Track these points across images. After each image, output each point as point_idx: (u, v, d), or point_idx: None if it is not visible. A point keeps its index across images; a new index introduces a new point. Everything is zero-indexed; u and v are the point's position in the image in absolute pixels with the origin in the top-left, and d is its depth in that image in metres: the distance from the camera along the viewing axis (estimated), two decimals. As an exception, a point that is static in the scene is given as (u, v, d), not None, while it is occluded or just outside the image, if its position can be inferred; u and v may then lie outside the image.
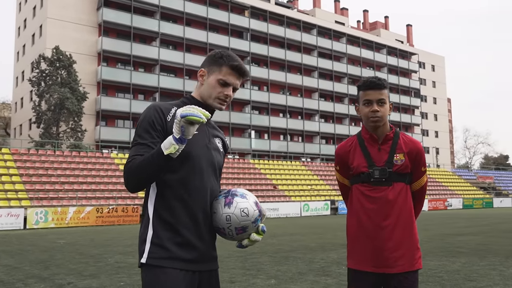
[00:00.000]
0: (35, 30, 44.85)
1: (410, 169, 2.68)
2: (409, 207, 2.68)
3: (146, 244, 2.08)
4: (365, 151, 2.70)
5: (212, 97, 2.22)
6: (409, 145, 2.70)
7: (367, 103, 2.67)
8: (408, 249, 2.61)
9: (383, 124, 2.68)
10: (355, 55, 61.02)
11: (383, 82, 2.67)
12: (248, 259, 9.63)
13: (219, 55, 2.23)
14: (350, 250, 2.73)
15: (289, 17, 55.47)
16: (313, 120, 55.98)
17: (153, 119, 2.11)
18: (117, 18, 43.67)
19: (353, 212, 2.72)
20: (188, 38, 47.18)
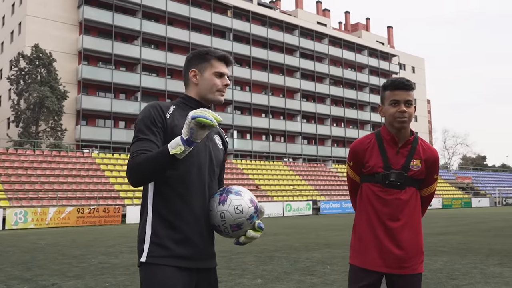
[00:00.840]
0: (14, 27, 44.08)
1: (425, 176, 2.72)
2: (418, 211, 2.73)
3: (145, 243, 2.09)
4: (383, 152, 2.70)
5: (213, 90, 2.28)
6: (427, 152, 2.73)
7: (394, 103, 2.66)
8: (414, 252, 2.66)
9: (406, 128, 2.69)
10: (337, 56, 61.43)
11: (411, 84, 2.68)
12: (233, 259, 9.64)
13: (203, 52, 2.31)
14: (357, 248, 2.74)
15: (271, 18, 55.59)
16: (295, 120, 56.18)
17: (154, 116, 2.14)
18: (98, 16, 43.20)
19: (363, 211, 2.75)
20: (171, 37, 46.92)
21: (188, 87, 2.33)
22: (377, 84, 65.34)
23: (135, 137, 2.13)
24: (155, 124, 2.13)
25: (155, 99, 45.76)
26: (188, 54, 2.35)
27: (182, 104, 2.28)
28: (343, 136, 59.43)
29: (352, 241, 2.81)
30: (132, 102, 44.66)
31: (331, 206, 37.44)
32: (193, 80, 2.29)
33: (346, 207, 37.84)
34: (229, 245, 12.49)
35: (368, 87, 64.36)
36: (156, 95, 45.94)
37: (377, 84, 65.29)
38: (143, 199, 2.20)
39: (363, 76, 64.20)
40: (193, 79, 2.29)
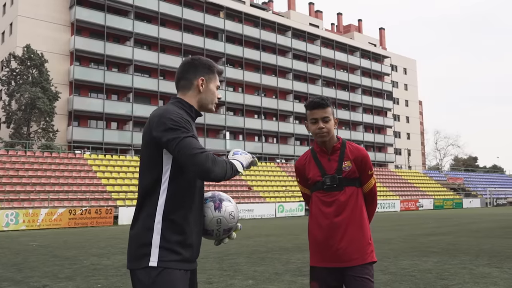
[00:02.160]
0: (5, 28, 43.84)
1: (358, 174, 3.02)
2: (360, 208, 3.01)
3: (153, 248, 2.11)
4: (318, 162, 3.06)
5: (213, 102, 2.42)
6: (354, 152, 3.05)
7: (313, 121, 3.00)
8: (360, 244, 2.93)
9: (330, 137, 3.02)
10: (329, 58, 61.66)
11: (326, 102, 3.00)
12: (225, 260, 9.67)
13: (210, 63, 2.42)
14: (311, 249, 3.06)
15: (264, 19, 55.69)
16: (288, 121, 56.32)
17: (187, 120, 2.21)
18: (90, 17, 43.07)
19: (313, 216, 3.06)
20: (163, 38, 46.88)
21: (188, 92, 2.37)
22: (369, 86, 65.68)
23: (186, 132, 2.13)
24: (190, 127, 2.20)
25: (147, 100, 45.72)
26: (192, 60, 2.41)
27: (183, 111, 2.30)
28: (336, 137, 59.52)
29: (309, 245, 3.10)
30: (125, 103, 44.55)
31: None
32: (200, 87, 2.36)
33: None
34: (221, 246, 12.52)
35: (360, 89, 64.63)
36: (149, 96, 45.88)
37: (369, 85, 65.62)
38: (147, 202, 2.19)
39: (356, 78, 64.46)
40: (200, 87, 2.36)
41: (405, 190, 50.63)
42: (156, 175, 2.17)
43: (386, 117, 67.92)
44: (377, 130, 66.56)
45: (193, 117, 2.35)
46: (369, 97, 65.53)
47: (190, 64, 2.39)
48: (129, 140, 43.41)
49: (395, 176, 54.75)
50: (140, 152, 2.28)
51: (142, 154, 2.25)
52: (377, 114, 66.87)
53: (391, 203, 42.99)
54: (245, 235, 16.76)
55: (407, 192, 50.18)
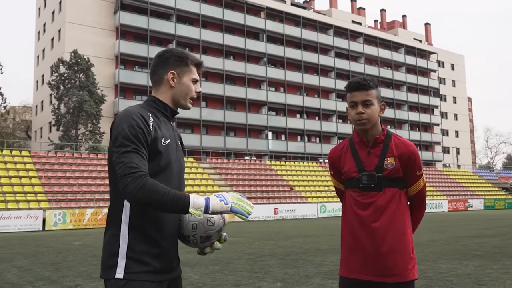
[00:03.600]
0: (54, 34, 45.54)
1: (402, 173, 2.56)
2: (403, 214, 2.56)
3: (119, 258, 2.00)
4: (355, 155, 2.61)
5: (188, 97, 2.24)
6: (400, 147, 2.57)
7: (352, 105, 2.58)
8: (401, 257, 2.50)
9: (372, 126, 2.57)
10: (372, 55, 60.53)
11: (368, 83, 2.55)
12: (257, 261, 9.58)
13: (183, 55, 2.23)
14: (342, 256, 2.66)
15: (305, 18, 55.29)
16: (331, 120, 55.69)
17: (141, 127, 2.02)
18: (133, 21, 44.08)
19: (346, 218, 2.65)
20: (204, 40, 47.36)
21: (159, 88, 2.22)
22: (415, 83, 64.00)
23: (128, 145, 1.97)
24: (144, 136, 2.01)
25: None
26: (163, 52, 2.24)
27: (155, 110, 2.18)
28: (380, 136, 58.43)
29: (341, 251, 2.72)
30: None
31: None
32: (170, 82, 2.19)
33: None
34: (256, 248, 12.46)
35: (405, 86, 63.07)
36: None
37: (414, 82, 63.95)
38: (113, 207, 2.08)
39: (400, 75, 62.96)
40: (171, 81, 2.19)
41: (454, 190, 48.97)
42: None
43: (433, 114, 65.98)
44: (424, 128, 64.78)
45: (168, 116, 2.21)
46: (415, 95, 63.86)
47: (160, 58, 2.22)
48: (172, 141, 44.11)
49: (442, 175, 53.07)
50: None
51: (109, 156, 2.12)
52: (423, 111, 65.07)
53: (438, 203, 41.71)
54: (283, 235, 16.64)
55: (455, 192, 48.51)
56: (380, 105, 2.60)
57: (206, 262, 9.66)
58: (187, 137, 44.93)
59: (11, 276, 8.44)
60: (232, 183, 35.70)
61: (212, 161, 39.51)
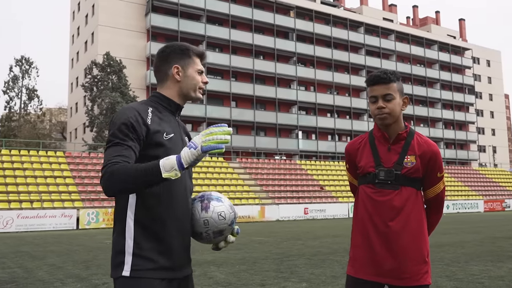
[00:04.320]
0: (88, 37, 46.55)
1: (422, 174, 2.45)
2: (419, 216, 2.45)
3: (126, 256, 1.98)
4: (374, 150, 2.51)
5: (196, 88, 2.22)
6: (423, 146, 2.47)
7: (373, 100, 2.49)
8: (414, 261, 2.40)
9: (394, 121, 2.47)
10: (404, 52, 59.51)
11: (389, 76, 2.45)
12: (284, 261, 9.51)
13: (184, 47, 2.21)
14: (351, 256, 2.56)
15: (335, 16, 54.82)
16: (362, 119, 55.05)
17: (132, 122, 1.99)
18: (164, 23, 44.63)
19: (358, 215, 2.55)
20: (234, 40, 47.54)
21: (165, 84, 2.20)
22: (449, 80, 62.60)
23: (111, 141, 1.97)
24: (134, 131, 1.98)
25: (220, 101, 46.59)
26: (164, 48, 2.22)
27: (158, 105, 2.15)
28: (413, 134, 57.41)
29: (350, 249, 2.62)
30: (198, 105, 45.64)
31: (399, 207, 36.23)
32: (175, 76, 2.17)
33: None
34: (284, 248, 12.41)
35: (439, 83, 61.75)
36: (221, 97, 46.70)
37: (448, 79, 62.56)
38: (118, 205, 2.07)
39: (434, 72, 61.69)
40: (176, 76, 2.17)
41: (490, 190, 47.63)
42: None
43: (467, 112, 64.36)
44: (458, 126, 63.26)
45: (172, 110, 2.19)
46: (449, 92, 62.44)
47: (161, 54, 2.21)
48: (203, 141, 44.40)
49: (478, 174, 51.70)
50: None
51: None
52: (457, 109, 63.56)
53: (474, 204, 40.64)
54: (312, 235, 16.51)
55: (492, 191, 47.18)
56: (403, 98, 2.50)
57: (232, 261, 9.66)
58: (218, 137, 45.11)
59: (42, 273, 8.64)
60: (262, 182, 35.70)
61: (242, 160, 39.61)
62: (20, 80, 45.67)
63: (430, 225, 2.58)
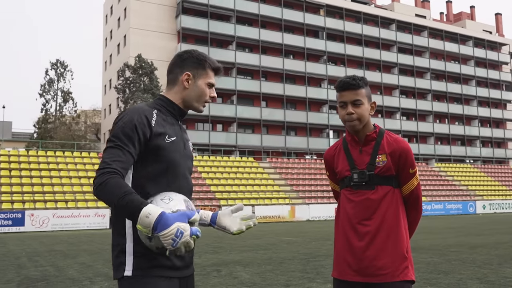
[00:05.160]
0: (120, 40, 47.42)
1: (394, 171, 2.50)
2: (395, 213, 2.48)
3: (127, 256, 1.98)
4: (348, 154, 2.58)
5: (201, 100, 2.22)
6: (392, 145, 2.52)
7: (342, 105, 2.54)
8: (392, 257, 2.42)
9: (363, 126, 2.53)
10: (438, 49, 58.23)
11: (358, 82, 2.50)
12: (311, 262, 9.44)
13: (201, 57, 2.20)
14: (335, 259, 2.60)
15: (366, 13, 54.12)
16: (394, 118, 54.17)
17: (136, 124, 2.00)
18: (195, 24, 45.03)
19: (339, 218, 2.61)
20: (264, 40, 47.53)
21: (173, 88, 2.20)
22: (485, 76, 60.91)
23: (113, 141, 1.97)
24: (137, 133, 1.99)
25: (250, 101, 46.68)
26: (182, 53, 2.22)
27: (163, 109, 2.16)
28: (447, 133, 56.18)
29: (334, 253, 2.65)
30: (229, 105, 45.88)
31: (433, 207, 35.50)
32: (184, 83, 2.17)
33: (450, 208, 35.69)
34: (312, 248, 12.32)
35: (474, 80, 60.17)
36: (252, 97, 46.78)
37: (484, 76, 60.86)
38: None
39: (469, 69, 60.13)
40: (185, 83, 2.17)
41: (529, 189, 46.13)
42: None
43: (505, 109, 62.43)
44: (495, 124, 61.44)
45: (175, 114, 2.19)
46: (485, 89, 60.72)
47: (178, 58, 2.21)
48: (233, 141, 44.60)
49: (516, 173, 50.14)
50: None
51: None
52: (494, 107, 61.76)
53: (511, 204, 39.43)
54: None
55: (531, 191, 45.69)
56: (371, 103, 2.56)
57: (259, 261, 9.65)
58: (248, 137, 45.32)
59: (72, 272, 8.83)
60: (293, 182, 35.59)
61: (272, 160, 39.58)
62: (56, 83, 46.90)
63: (410, 223, 2.59)
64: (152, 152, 2.03)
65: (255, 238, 16.16)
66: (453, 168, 47.59)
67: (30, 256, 11.61)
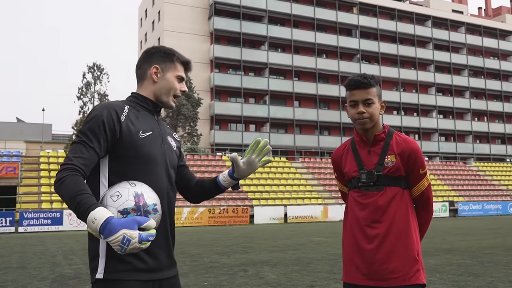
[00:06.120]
0: (154, 42, 48.18)
1: (404, 172, 2.45)
2: (405, 215, 2.43)
3: (100, 259, 1.94)
4: (356, 155, 2.54)
5: (171, 93, 2.18)
6: (401, 145, 2.48)
7: (353, 104, 2.49)
8: (402, 260, 2.37)
9: (373, 125, 2.49)
10: (476, 45, 56.67)
11: (369, 80, 2.46)
12: (339, 262, 9.37)
13: (169, 51, 2.20)
14: (344, 262, 2.56)
15: (400, 10, 53.22)
16: (430, 116, 53.05)
17: (104, 119, 1.97)
18: (227, 26, 45.35)
19: (347, 221, 2.57)
20: (296, 39, 47.41)
21: (142, 83, 2.18)
22: (526, 72, 58.85)
23: (78, 137, 1.95)
24: (104, 129, 1.96)
25: (283, 101, 46.65)
26: (150, 48, 2.21)
27: (135, 105, 2.13)
28: (487, 131, 54.59)
29: (342, 256, 2.61)
30: (261, 106, 45.99)
31: (471, 207, 34.56)
32: (153, 76, 2.14)
33: (489, 208, 34.68)
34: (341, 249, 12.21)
35: (515, 76, 58.25)
36: (284, 97, 46.73)
37: (525, 72, 58.81)
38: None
39: (509, 65, 58.28)
40: (154, 76, 2.14)
41: None
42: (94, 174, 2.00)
43: (548, 106, 60.20)
44: (538, 122, 59.32)
45: (150, 109, 2.15)
46: (526, 86, 58.70)
47: (145, 54, 2.19)
48: (266, 141, 44.64)
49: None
50: None
51: None
52: (537, 104, 59.63)
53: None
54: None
55: None
56: (381, 103, 2.53)
57: (287, 261, 9.66)
58: (281, 137, 45.30)
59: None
60: (325, 182, 35.35)
61: (305, 160, 39.43)
62: (93, 86, 48.08)
63: (421, 225, 2.54)
64: (125, 147, 1.99)
65: (286, 238, 16.16)
66: (492, 167, 46.18)
67: (65, 255, 11.96)
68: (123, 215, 1.79)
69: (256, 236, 17.17)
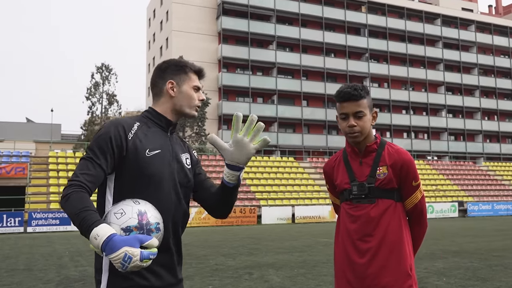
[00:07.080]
0: (162, 42, 48.34)
1: (396, 184, 2.39)
2: (398, 228, 2.36)
3: (103, 274, 1.95)
4: (348, 166, 2.48)
5: (192, 105, 2.17)
6: (393, 156, 2.42)
7: (343, 117, 2.42)
8: (395, 275, 2.31)
9: (365, 138, 2.43)
10: (486, 43, 56.14)
11: (359, 92, 2.37)
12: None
13: (181, 63, 2.18)
14: (335, 275, 2.51)
15: (409, 9, 52.88)
16: (440, 115, 52.68)
17: (112, 136, 1.97)
18: (235, 25, 45.33)
19: (339, 233, 2.51)
20: (304, 39, 47.27)
21: (159, 99, 2.17)
22: (537, 71, 58.22)
23: (86, 153, 1.97)
24: (111, 146, 1.96)
25: (291, 101, 46.56)
26: (161, 64, 2.21)
27: (148, 120, 2.13)
28: (497, 130, 54.08)
29: (334, 268, 2.56)
30: (269, 105, 45.92)
31: (480, 208, 34.27)
32: (170, 92, 2.13)
33: (499, 209, 34.37)
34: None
35: (525, 75, 57.65)
36: (292, 97, 46.63)
37: (536, 70, 58.18)
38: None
39: (519, 63, 57.66)
40: (170, 91, 2.13)
41: None
42: (100, 190, 2.02)
43: (560, 105, 59.52)
44: (549, 121, 58.67)
45: (163, 126, 2.14)
46: (538, 84, 58.08)
47: (157, 70, 2.19)
48: (274, 141, 44.57)
49: None
50: None
51: None
52: (548, 103, 58.98)
53: None
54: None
55: None
56: (372, 113, 2.46)
57: (292, 264, 9.61)
58: (289, 137, 45.22)
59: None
60: (334, 182, 35.25)
61: (313, 160, 39.33)
62: (101, 86, 48.32)
63: (415, 238, 2.47)
64: (131, 165, 1.98)
65: (293, 240, 16.11)
66: (502, 167, 45.76)
67: (72, 256, 12.01)
68: (126, 232, 1.80)
69: (263, 237, 17.12)
